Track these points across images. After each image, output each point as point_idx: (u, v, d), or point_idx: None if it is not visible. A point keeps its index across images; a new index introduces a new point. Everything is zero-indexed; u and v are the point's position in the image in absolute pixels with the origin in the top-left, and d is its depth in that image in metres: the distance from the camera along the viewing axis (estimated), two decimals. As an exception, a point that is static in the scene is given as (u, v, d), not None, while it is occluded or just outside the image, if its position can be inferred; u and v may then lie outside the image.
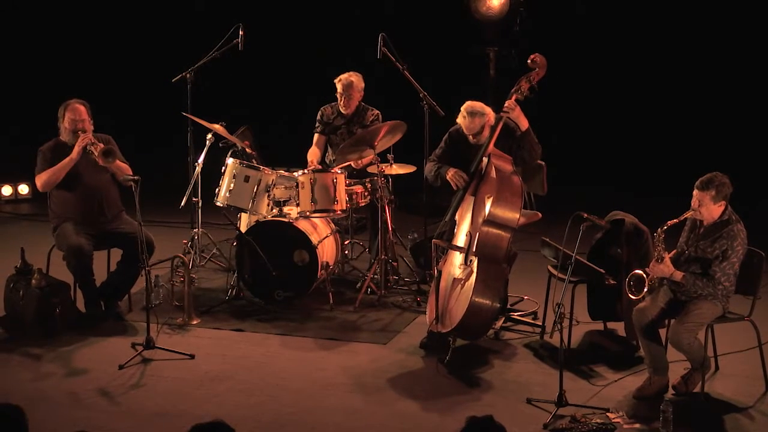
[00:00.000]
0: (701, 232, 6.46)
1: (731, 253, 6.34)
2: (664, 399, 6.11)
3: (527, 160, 7.39)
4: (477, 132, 7.44)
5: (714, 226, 6.40)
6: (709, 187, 6.35)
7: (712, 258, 6.36)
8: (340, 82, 8.57)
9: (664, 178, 10.56)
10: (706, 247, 6.39)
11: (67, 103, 7.70)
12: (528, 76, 7.29)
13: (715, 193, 6.34)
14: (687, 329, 6.35)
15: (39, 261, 7.69)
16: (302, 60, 12.06)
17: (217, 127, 8.36)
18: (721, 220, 6.39)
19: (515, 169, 7.15)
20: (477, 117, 7.42)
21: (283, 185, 8.07)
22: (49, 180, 7.61)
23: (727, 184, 6.37)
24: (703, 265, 6.40)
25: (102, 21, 12.53)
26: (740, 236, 6.38)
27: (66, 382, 6.74)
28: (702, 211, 6.38)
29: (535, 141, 7.35)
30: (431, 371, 6.95)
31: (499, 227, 6.97)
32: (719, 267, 6.35)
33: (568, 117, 11.46)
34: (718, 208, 6.38)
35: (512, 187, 7.04)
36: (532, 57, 7.30)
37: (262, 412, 6.34)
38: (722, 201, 6.37)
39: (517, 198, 7.03)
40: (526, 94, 7.28)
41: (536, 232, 8.10)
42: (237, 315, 7.84)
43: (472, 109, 7.44)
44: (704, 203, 6.36)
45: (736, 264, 6.39)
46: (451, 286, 7.11)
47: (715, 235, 6.38)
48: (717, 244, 6.36)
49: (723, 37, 11.14)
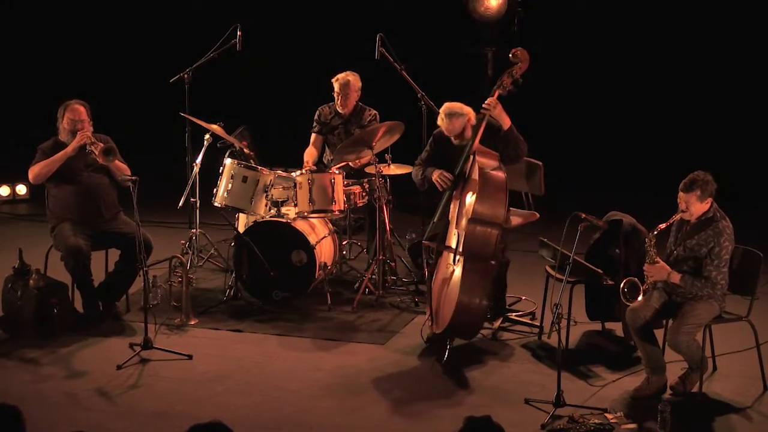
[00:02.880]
0: (687, 230, 6.48)
1: (719, 250, 6.36)
2: (662, 399, 6.12)
3: (513, 158, 7.34)
4: (458, 133, 7.43)
5: (699, 223, 6.43)
6: (693, 188, 6.38)
7: (701, 256, 6.38)
8: (337, 81, 8.57)
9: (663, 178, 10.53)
10: (693, 245, 6.42)
11: (67, 104, 7.69)
12: (510, 70, 7.27)
13: (701, 193, 6.37)
14: (685, 332, 6.36)
15: (37, 261, 7.69)
16: (300, 60, 12.05)
17: (215, 127, 8.36)
18: (706, 217, 6.41)
19: (500, 165, 7.11)
20: (456, 118, 7.41)
21: (281, 185, 8.07)
22: (41, 172, 7.59)
23: (710, 182, 6.40)
24: (693, 263, 6.41)
25: (100, 21, 12.52)
26: (726, 232, 6.40)
27: (64, 382, 6.73)
28: (691, 211, 6.41)
29: (520, 138, 7.31)
30: (429, 371, 6.95)
31: (485, 224, 6.94)
32: (713, 266, 6.36)
33: (566, 117, 11.45)
34: (705, 206, 6.41)
35: (496, 183, 6.99)
36: (513, 51, 7.30)
37: (260, 413, 6.34)
38: (708, 198, 6.41)
39: (501, 193, 6.97)
40: (509, 88, 7.26)
41: (534, 232, 8.10)
42: (235, 315, 7.84)
43: (450, 110, 7.42)
44: (691, 203, 6.40)
45: (727, 257, 6.41)
46: (442, 286, 7.11)
47: (700, 233, 6.40)
48: (703, 241, 6.38)
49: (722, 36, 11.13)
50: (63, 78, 11.90)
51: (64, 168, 7.61)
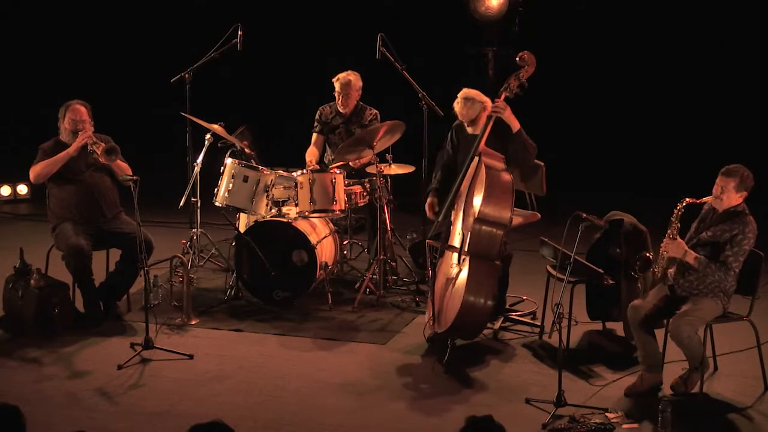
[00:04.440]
0: (713, 218, 6.47)
1: (742, 239, 6.35)
2: (662, 399, 6.11)
3: (521, 160, 7.38)
4: (472, 119, 7.45)
5: (726, 214, 6.42)
6: (734, 174, 6.38)
7: (722, 242, 6.37)
8: (338, 81, 8.57)
9: (663, 179, 10.57)
10: (717, 231, 6.40)
11: (68, 104, 7.69)
12: (517, 73, 7.31)
13: (739, 182, 6.37)
14: (688, 322, 6.34)
15: (38, 261, 7.69)
16: (300, 60, 12.05)
17: (215, 127, 8.36)
18: (735, 210, 6.41)
19: (506, 167, 7.14)
20: (472, 103, 7.44)
21: (281, 185, 8.07)
22: (42, 171, 7.60)
23: (750, 177, 6.42)
24: (712, 249, 6.40)
25: (101, 21, 12.52)
26: (752, 225, 6.40)
27: (65, 382, 6.73)
28: (723, 198, 6.40)
29: (529, 141, 7.34)
30: (430, 371, 6.95)
31: (491, 225, 6.96)
32: (732, 253, 6.35)
33: (567, 117, 11.45)
34: (738, 198, 6.40)
35: (502, 185, 7.01)
36: (521, 54, 7.34)
37: (260, 412, 6.34)
38: (744, 192, 6.40)
39: (507, 195, 7.00)
40: (516, 91, 7.31)
41: (535, 232, 8.10)
42: (236, 315, 7.84)
43: (467, 95, 7.48)
44: (727, 190, 6.38)
45: (747, 250, 6.39)
46: (446, 285, 7.12)
47: (727, 221, 6.39)
48: (728, 227, 6.36)
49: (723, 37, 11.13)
50: (64, 78, 11.91)
51: (66, 168, 7.61)
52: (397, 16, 11.36)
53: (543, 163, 7.73)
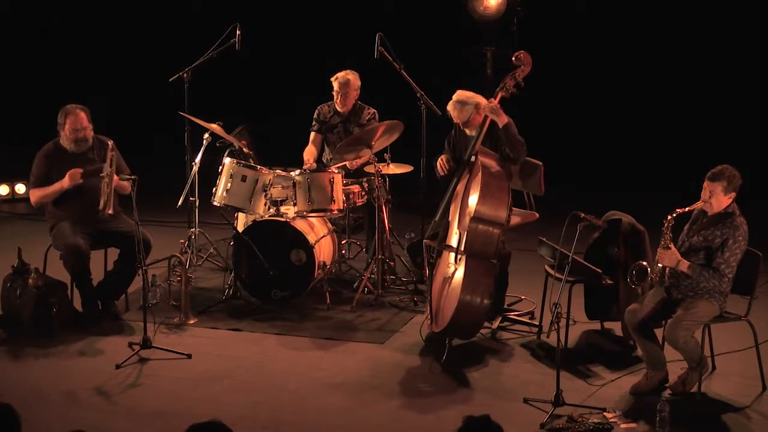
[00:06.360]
0: (704, 222, 6.47)
1: (732, 243, 6.34)
2: (661, 399, 6.11)
3: (511, 156, 7.37)
4: (466, 120, 7.47)
5: (717, 216, 6.42)
6: (720, 178, 6.37)
7: (714, 247, 6.36)
8: (336, 80, 8.57)
9: (662, 178, 10.57)
10: (708, 235, 6.40)
11: (67, 110, 7.65)
12: (513, 73, 7.35)
13: (726, 184, 6.37)
14: (684, 327, 6.35)
15: (36, 260, 7.69)
16: (299, 59, 12.05)
17: (214, 126, 8.35)
18: (725, 211, 6.41)
19: (502, 166, 7.15)
20: (463, 106, 7.46)
21: (280, 185, 8.06)
22: (39, 201, 7.71)
23: (737, 176, 6.41)
24: (705, 253, 6.40)
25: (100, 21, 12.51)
26: (742, 228, 6.39)
27: (63, 381, 6.73)
28: (712, 203, 6.40)
29: (519, 139, 7.34)
30: (428, 371, 6.95)
31: (488, 224, 6.97)
32: (723, 259, 6.35)
33: (565, 116, 11.45)
34: (728, 199, 6.40)
35: (498, 184, 7.03)
36: (516, 54, 7.37)
37: (259, 412, 6.34)
38: (732, 193, 6.40)
39: (503, 194, 7.02)
40: (512, 91, 7.37)
41: (533, 231, 8.09)
42: (234, 314, 7.83)
43: (458, 98, 7.52)
44: (715, 194, 6.38)
45: (739, 255, 6.39)
46: (443, 285, 7.12)
47: (717, 225, 6.39)
48: (719, 231, 6.36)
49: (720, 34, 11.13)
50: (63, 77, 11.90)
51: (64, 170, 7.59)
52: (396, 17, 11.35)
53: (541, 162, 7.73)
